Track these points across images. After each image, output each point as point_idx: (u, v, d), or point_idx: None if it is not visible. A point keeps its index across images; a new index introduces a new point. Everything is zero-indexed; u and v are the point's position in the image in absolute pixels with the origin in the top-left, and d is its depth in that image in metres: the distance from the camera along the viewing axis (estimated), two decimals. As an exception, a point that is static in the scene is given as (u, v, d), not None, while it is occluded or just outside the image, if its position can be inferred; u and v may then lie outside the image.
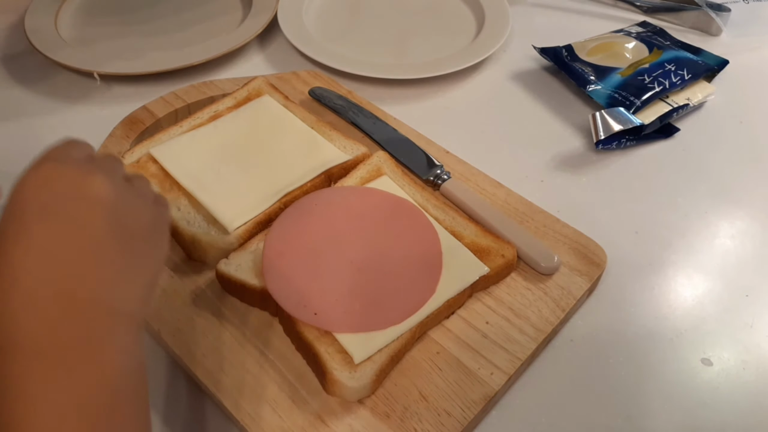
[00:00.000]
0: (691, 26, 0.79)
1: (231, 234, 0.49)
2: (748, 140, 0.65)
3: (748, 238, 0.55)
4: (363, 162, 0.54)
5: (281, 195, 0.51)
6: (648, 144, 0.63)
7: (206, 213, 0.50)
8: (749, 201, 0.58)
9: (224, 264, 0.46)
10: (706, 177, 0.61)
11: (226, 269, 0.46)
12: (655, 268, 0.53)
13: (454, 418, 0.41)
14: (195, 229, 0.49)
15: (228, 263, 0.46)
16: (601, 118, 0.60)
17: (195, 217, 0.50)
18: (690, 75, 0.67)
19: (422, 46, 0.74)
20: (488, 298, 0.47)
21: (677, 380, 0.46)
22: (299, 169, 0.53)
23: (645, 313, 0.50)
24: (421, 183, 0.55)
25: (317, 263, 0.46)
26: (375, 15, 0.79)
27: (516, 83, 0.70)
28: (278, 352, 0.44)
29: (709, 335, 0.48)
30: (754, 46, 0.75)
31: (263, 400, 0.42)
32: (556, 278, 0.48)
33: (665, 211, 0.57)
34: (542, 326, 0.46)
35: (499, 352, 0.44)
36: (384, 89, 0.67)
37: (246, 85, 0.61)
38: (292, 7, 0.77)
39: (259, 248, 0.47)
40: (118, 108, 0.63)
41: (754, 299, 0.51)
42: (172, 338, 0.45)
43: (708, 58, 0.71)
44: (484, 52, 0.71)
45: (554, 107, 0.67)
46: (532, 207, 0.53)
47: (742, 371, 0.46)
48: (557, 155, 0.62)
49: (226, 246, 0.48)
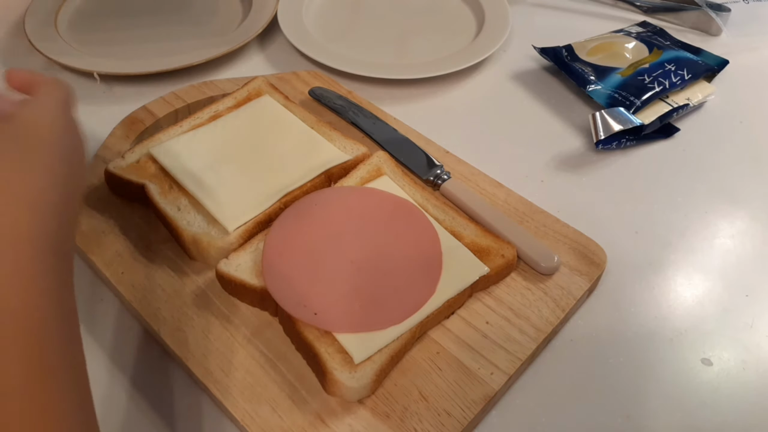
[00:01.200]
0: (691, 26, 0.79)
1: (231, 234, 0.49)
2: (748, 140, 0.65)
3: (748, 238, 0.55)
4: (363, 162, 0.54)
5: (281, 195, 0.51)
6: (648, 144, 0.63)
7: (206, 213, 0.50)
8: (749, 201, 0.58)
9: (224, 264, 0.46)
10: (706, 177, 0.61)
11: (226, 269, 0.46)
12: (655, 268, 0.53)
13: (454, 418, 0.41)
14: (195, 229, 0.49)
15: (228, 263, 0.46)
16: (601, 118, 0.60)
17: (195, 217, 0.50)
18: (690, 75, 0.67)
19: (422, 46, 0.74)
20: (488, 298, 0.47)
21: (677, 380, 0.46)
22: (299, 169, 0.53)
23: (645, 313, 0.50)
24: (421, 183, 0.55)
25: (317, 263, 0.46)
26: (375, 15, 0.79)
27: (516, 83, 0.70)
28: (278, 352, 0.44)
29: (709, 335, 0.48)
30: (754, 46, 0.75)
31: (263, 400, 0.42)
32: (556, 278, 0.48)
33: (665, 211, 0.57)
34: (542, 326, 0.46)
35: (499, 352, 0.44)
36: (384, 89, 0.67)
37: (246, 85, 0.61)
38: (292, 7, 0.77)
39: (259, 248, 0.47)
40: (118, 108, 0.63)
41: (754, 299, 0.51)
42: (171, 338, 0.45)
43: (708, 58, 0.71)
44: (484, 52, 0.71)
45: (554, 107, 0.67)
46: (532, 207, 0.54)
47: (742, 371, 0.46)
48: (557, 155, 0.62)
49: (226, 246, 0.48)
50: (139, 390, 0.44)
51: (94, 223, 0.51)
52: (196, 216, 0.50)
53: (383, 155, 0.55)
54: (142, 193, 0.51)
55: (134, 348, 0.46)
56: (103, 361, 0.46)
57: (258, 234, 0.49)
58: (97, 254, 0.49)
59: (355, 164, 0.54)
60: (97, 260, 0.49)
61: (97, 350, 0.46)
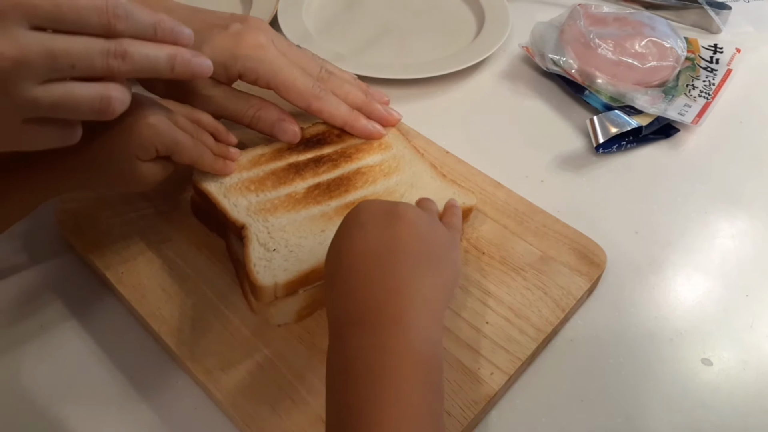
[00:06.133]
0: (692, 24, 0.79)
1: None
2: (748, 140, 0.65)
3: (748, 238, 0.55)
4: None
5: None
6: (648, 144, 0.63)
7: None
8: (749, 201, 0.58)
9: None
10: (706, 177, 0.61)
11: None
12: (655, 268, 0.53)
13: (454, 418, 0.41)
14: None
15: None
16: (599, 121, 0.61)
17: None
18: (690, 75, 0.67)
19: (422, 46, 0.74)
20: (488, 298, 0.47)
21: (677, 380, 0.46)
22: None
23: (645, 313, 0.50)
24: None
25: None
26: (375, 15, 0.79)
27: (516, 83, 0.70)
28: (278, 352, 0.44)
29: (709, 335, 0.48)
30: (755, 45, 0.75)
31: (263, 400, 0.42)
32: (556, 278, 0.48)
33: (665, 211, 0.57)
34: (542, 326, 0.46)
35: (499, 352, 0.44)
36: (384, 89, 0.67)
37: None
38: (292, 7, 0.77)
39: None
40: (118, 108, 0.63)
41: (754, 299, 0.51)
42: (172, 338, 0.45)
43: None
44: (484, 52, 0.71)
45: (554, 107, 0.67)
46: (532, 207, 0.54)
47: (742, 371, 0.46)
48: (557, 155, 0.62)
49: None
50: (139, 390, 0.44)
51: (93, 224, 0.52)
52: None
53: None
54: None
55: (134, 348, 0.46)
56: (103, 361, 0.46)
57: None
58: (96, 255, 0.49)
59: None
60: (97, 261, 0.49)
61: (97, 350, 0.46)
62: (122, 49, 0.35)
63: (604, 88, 0.65)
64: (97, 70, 0.34)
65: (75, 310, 0.49)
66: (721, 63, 0.70)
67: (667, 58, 0.66)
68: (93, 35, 0.34)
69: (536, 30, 0.71)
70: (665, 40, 0.67)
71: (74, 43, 0.33)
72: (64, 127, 0.36)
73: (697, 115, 0.64)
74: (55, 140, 0.36)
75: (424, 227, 0.39)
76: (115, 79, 0.36)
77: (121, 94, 0.36)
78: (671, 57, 0.66)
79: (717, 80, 0.68)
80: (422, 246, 0.38)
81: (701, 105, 0.65)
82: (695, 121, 0.63)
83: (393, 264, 0.36)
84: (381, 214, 0.39)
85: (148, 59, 0.36)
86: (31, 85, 0.32)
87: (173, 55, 0.38)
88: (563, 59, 0.67)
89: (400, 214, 0.39)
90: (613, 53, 0.65)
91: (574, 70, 0.66)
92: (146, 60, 0.36)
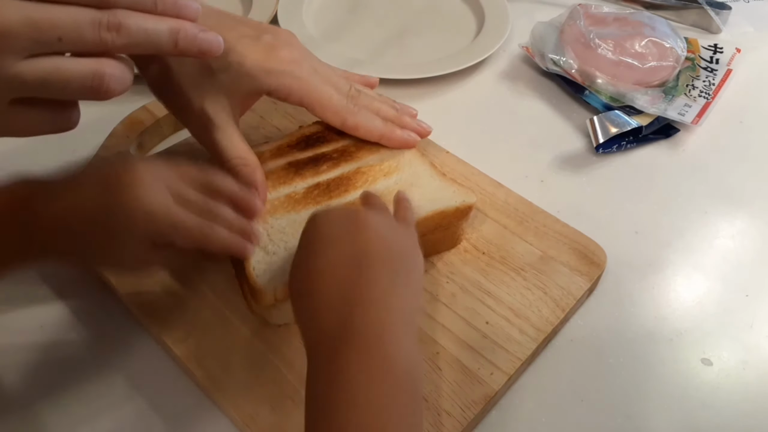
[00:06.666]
0: (692, 24, 0.79)
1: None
2: (747, 140, 0.65)
3: (748, 238, 0.55)
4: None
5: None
6: (648, 144, 0.63)
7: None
8: (749, 201, 0.58)
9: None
10: (706, 177, 0.61)
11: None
12: (655, 268, 0.53)
13: (454, 418, 0.41)
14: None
15: None
16: (599, 121, 0.61)
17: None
18: (690, 75, 0.67)
19: (422, 46, 0.74)
20: (488, 298, 0.47)
21: (677, 380, 0.46)
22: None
23: (645, 313, 0.50)
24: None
25: None
26: (375, 15, 0.79)
27: (516, 83, 0.70)
28: (279, 353, 0.44)
29: (709, 335, 0.48)
30: (755, 45, 0.75)
31: (263, 400, 0.42)
32: (556, 278, 0.48)
33: (665, 211, 0.57)
34: (542, 326, 0.46)
35: (499, 352, 0.44)
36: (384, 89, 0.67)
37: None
38: (292, 7, 0.77)
39: None
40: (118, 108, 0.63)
41: (754, 299, 0.51)
42: (172, 339, 0.45)
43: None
44: (484, 52, 0.71)
45: (555, 107, 0.67)
46: (532, 207, 0.54)
47: (742, 371, 0.46)
48: (557, 155, 0.62)
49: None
50: (139, 390, 0.44)
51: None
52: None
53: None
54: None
55: (134, 349, 0.46)
56: (103, 362, 0.46)
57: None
58: (97, 254, 0.49)
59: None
60: (97, 260, 0.49)
61: (96, 351, 0.46)
62: (116, 20, 0.31)
63: (604, 88, 0.65)
64: (88, 43, 0.31)
65: (75, 310, 0.49)
66: (721, 63, 0.70)
67: (667, 58, 0.66)
68: (85, 5, 0.31)
69: (536, 30, 0.71)
70: (665, 40, 0.67)
71: (61, 12, 0.30)
72: (58, 110, 0.33)
73: (697, 115, 0.64)
74: (48, 125, 0.33)
75: (389, 234, 0.38)
76: (110, 55, 0.32)
77: (118, 71, 0.32)
78: (671, 57, 0.66)
79: (717, 80, 0.68)
80: (391, 255, 0.37)
81: (701, 105, 0.65)
82: (695, 121, 0.63)
83: (366, 279, 0.35)
84: (343, 227, 0.37)
85: (147, 33, 0.32)
86: (13, 59, 0.29)
87: (176, 29, 0.33)
88: (563, 59, 0.67)
89: (363, 223, 0.37)
90: (613, 53, 0.66)
91: (574, 70, 0.66)
92: (144, 34, 0.32)
